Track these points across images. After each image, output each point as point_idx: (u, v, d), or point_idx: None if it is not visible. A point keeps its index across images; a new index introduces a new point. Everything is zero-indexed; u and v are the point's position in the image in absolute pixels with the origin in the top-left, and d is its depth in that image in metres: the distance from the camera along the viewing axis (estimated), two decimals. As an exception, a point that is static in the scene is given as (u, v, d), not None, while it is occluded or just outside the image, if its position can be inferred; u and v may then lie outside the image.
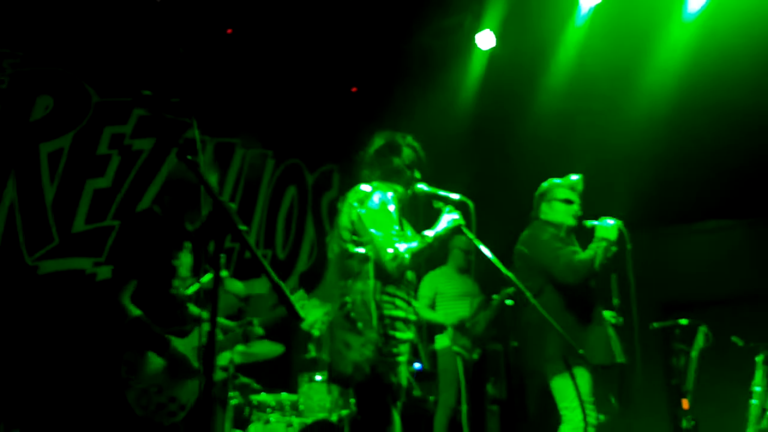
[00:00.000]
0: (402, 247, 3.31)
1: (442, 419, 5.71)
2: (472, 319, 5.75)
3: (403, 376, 3.34)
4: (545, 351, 4.03)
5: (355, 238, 3.38)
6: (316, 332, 3.83)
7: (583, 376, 4.01)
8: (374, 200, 3.40)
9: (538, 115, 6.40)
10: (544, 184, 4.45)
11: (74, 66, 5.61)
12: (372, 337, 3.24)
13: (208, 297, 2.27)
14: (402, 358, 3.33)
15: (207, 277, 3.24)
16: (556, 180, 4.41)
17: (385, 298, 3.35)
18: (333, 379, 3.42)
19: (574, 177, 4.38)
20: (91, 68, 5.68)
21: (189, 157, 2.37)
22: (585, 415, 3.95)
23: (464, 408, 5.53)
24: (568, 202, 4.31)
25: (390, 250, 3.29)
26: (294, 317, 2.19)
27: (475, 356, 5.80)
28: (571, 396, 3.97)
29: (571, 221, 4.30)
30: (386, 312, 3.32)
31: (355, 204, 3.42)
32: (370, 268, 3.32)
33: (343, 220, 3.46)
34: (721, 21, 5.65)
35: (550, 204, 4.35)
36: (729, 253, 6.06)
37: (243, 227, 2.27)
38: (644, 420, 4.78)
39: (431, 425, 5.77)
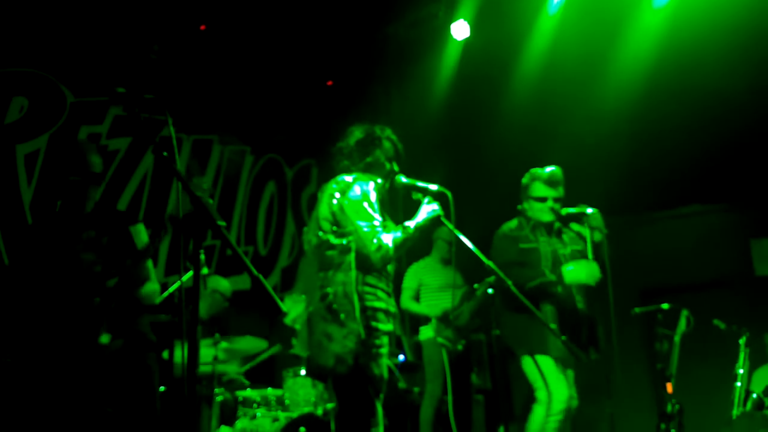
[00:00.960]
0: (386, 238, 3.30)
1: (428, 410, 5.73)
2: (456, 310, 5.77)
3: (385, 367, 3.33)
4: (512, 337, 4.11)
5: (335, 229, 3.35)
6: (298, 327, 3.82)
7: (543, 359, 4.11)
8: (356, 191, 3.38)
9: (514, 104, 6.43)
10: (525, 178, 4.45)
11: (48, 66, 5.55)
12: (354, 328, 3.21)
13: (190, 295, 2.26)
14: (384, 350, 3.30)
15: (188, 275, 3.20)
16: (536, 172, 4.41)
17: (367, 289, 3.32)
18: (313, 372, 3.38)
19: (549, 169, 4.39)
20: (65, 68, 5.62)
21: (165, 153, 2.36)
22: (549, 392, 4.01)
23: (450, 398, 5.55)
24: (542, 200, 4.33)
25: (375, 241, 3.28)
26: (276, 311, 2.18)
27: (460, 347, 5.82)
28: (537, 375, 4.04)
29: (547, 217, 4.34)
30: (368, 303, 3.30)
31: (336, 194, 3.39)
32: (351, 259, 3.29)
33: (323, 210, 3.42)
34: (690, 7, 5.70)
35: (529, 202, 4.39)
36: (706, 237, 6.12)
37: (222, 223, 2.26)
38: (629, 405, 4.80)
39: (417, 416, 5.79)
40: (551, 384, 4.06)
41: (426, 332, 5.90)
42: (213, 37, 6.39)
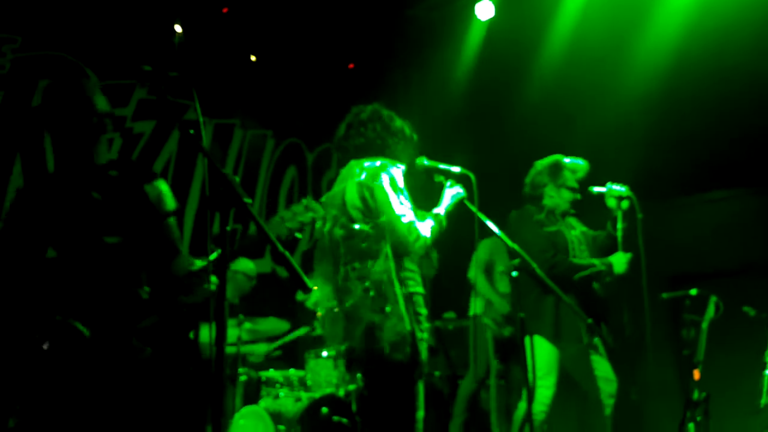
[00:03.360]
0: (422, 228, 3.27)
1: (468, 386, 5.59)
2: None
3: (426, 352, 3.32)
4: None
5: (367, 219, 3.28)
6: (321, 310, 3.80)
7: (542, 346, 4.06)
8: (385, 178, 3.30)
9: (538, 86, 6.33)
10: (551, 160, 4.37)
11: (74, 49, 5.58)
12: (402, 316, 3.19)
13: (217, 275, 2.23)
14: (426, 335, 3.30)
15: (215, 255, 3.10)
16: (566, 161, 4.35)
17: (408, 274, 3.30)
18: (359, 361, 3.34)
19: (581, 163, 4.36)
20: (90, 51, 5.65)
21: (191, 131, 2.33)
22: (533, 390, 3.90)
23: (493, 383, 5.49)
24: (574, 190, 4.29)
25: (412, 232, 3.24)
26: (302, 288, 2.16)
27: (506, 333, 5.65)
28: (529, 365, 3.96)
29: (568, 207, 4.31)
30: (411, 289, 3.28)
31: (365, 181, 3.31)
32: (387, 249, 3.25)
33: (352, 198, 3.32)
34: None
35: (559, 190, 4.30)
36: (737, 222, 5.98)
37: (248, 200, 2.23)
38: (654, 391, 4.75)
39: (438, 401, 5.75)
40: (538, 381, 4.02)
41: (475, 307, 5.75)
42: (234, 21, 6.38)
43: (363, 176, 3.32)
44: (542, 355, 4.07)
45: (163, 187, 2.83)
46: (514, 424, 4.24)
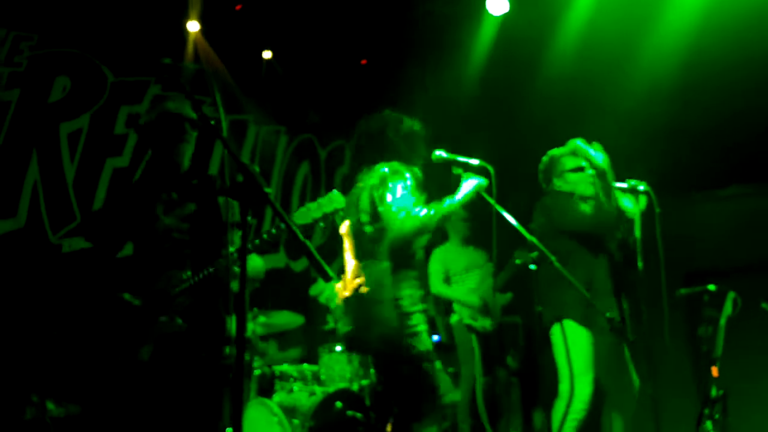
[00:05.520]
0: (417, 210, 3.32)
1: (465, 394, 5.66)
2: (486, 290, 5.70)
3: (428, 339, 3.38)
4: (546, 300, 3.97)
5: (373, 222, 3.40)
6: (333, 305, 3.84)
7: (579, 339, 3.96)
8: (396, 182, 3.38)
9: (552, 80, 6.28)
10: (545, 159, 4.37)
11: (89, 46, 5.62)
12: (391, 315, 3.30)
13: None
14: (421, 327, 3.37)
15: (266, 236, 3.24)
16: (557, 150, 4.33)
17: (401, 276, 3.39)
18: (355, 346, 3.52)
19: (574, 142, 4.32)
20: (105, 48, 5.69)
21: (212, 122, 2.34)
22: (572, 386, 3.85)
23: (479, 380, 5.53)
24: (579, 169, 4.23)
25: (401, 215, 3.32)
26: (323, 276, 2.17)
27: (488, 326, 5.71)
28: (563, 360, 3.90)
29: (590, 189, 4.21)
30: (401, 292, 3.35)
31: (376, 184, 3.41)
32: (384, 249, 3.37)
33: (363, 203, 3.44)
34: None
35: (562, 177, 4.27)
36: (754, 218, 5.93)
37: (269, 189, 2.24)
38: (671, 388, 4.71)
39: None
40: (576, 377, 3.91)
41: (455, 315, 5.82)
42: (248, 17, 6.38)
43: (375, 180, 3.43)
44: (581, 349, 3.96)
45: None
46: (554, 423, 4.12)
